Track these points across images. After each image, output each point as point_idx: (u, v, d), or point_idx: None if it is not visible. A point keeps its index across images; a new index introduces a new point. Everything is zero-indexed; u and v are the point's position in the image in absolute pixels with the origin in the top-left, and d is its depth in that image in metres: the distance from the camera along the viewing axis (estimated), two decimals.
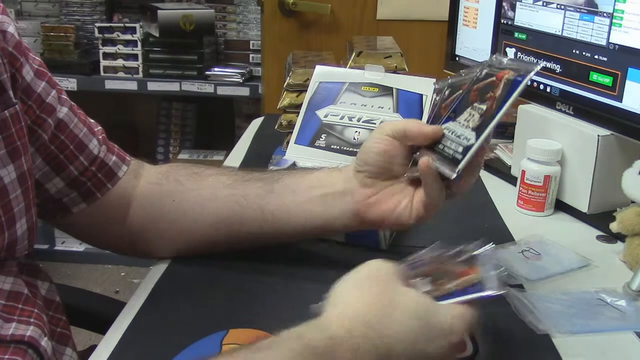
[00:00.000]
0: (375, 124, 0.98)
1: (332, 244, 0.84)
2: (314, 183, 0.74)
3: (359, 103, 1.00)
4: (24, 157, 0.64)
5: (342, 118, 0.99)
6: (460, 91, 0.70)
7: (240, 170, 0.80)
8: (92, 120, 0.79)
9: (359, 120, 0.99)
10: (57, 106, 0.72)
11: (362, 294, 0.54)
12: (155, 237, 0.78)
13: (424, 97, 1.00)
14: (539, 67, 0.64)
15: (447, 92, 0.72)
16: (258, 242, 0.77)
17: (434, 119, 0.71)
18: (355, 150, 0.97)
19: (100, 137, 0.77)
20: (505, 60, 0.68)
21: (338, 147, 0.97)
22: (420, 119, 0.99)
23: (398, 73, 1.08)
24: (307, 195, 0.74)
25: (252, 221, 0.74)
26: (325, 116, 0.99)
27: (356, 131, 0.98)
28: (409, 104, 1.00)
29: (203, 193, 0.76)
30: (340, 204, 0.72)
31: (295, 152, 0.96)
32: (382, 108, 1.00)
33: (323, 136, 0.97)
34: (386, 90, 1.01)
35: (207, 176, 0.77)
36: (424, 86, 1.02)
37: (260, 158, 1.01)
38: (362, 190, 0.71)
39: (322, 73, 1.02)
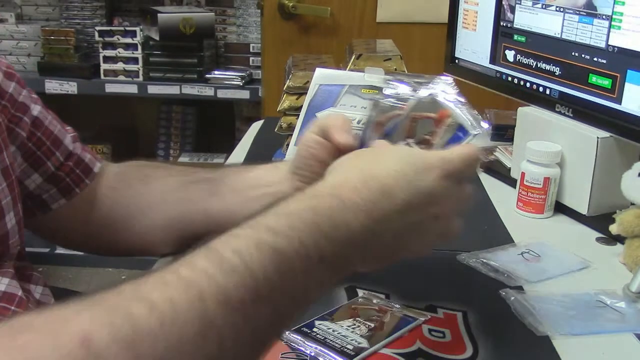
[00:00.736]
0: None
1: None
2: (252, 182, 0.75)
3: (358, 105, 1.00)
4: (5, 153, 0.65)
5: None
6: (398, 112, 0.64)
7: (189, 169, 0.80)
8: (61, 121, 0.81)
9: (358, 122, 0.99)
10: (31, 104, 0.73)
11: (350, 160, 0.56)
12: (112, 237, 0.79)
13: None
14: (480, 132, 0.61)
15: (383, 108, 0.67)
16: None
17: (365, 135, 0.67)
18: None
19: (72, 134, 0.79)
20: (452, 95, 0.63)
21: None
22: None
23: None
24: (246, 196, 0.74)
25: (198, 223, 0.75)
26: None
27: (357, 133, 0.99)
28: None
29: (151, 198, 0.77)
30: None
31: (293, 153, 0.97)
32: None
33: None
34: None
35: (157, 179, 0.79)
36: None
37: (260, 160, 1.01)
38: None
39: (323, 76, 1.02)
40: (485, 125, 0.60)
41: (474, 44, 1.19)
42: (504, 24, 1.11)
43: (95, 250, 0.83)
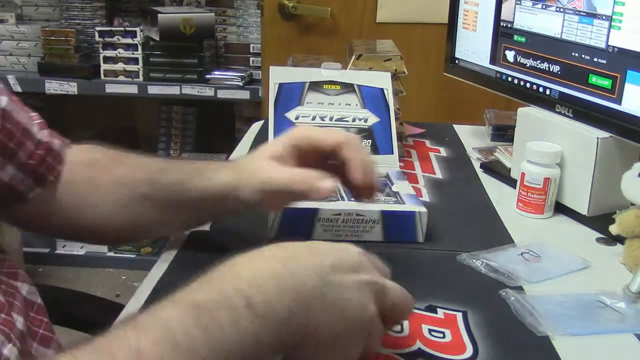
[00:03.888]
0: (347, 121, 0.99)
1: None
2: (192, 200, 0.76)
3: (325, 102, 1.01)
4: None
5: (314, 119, 0.99)
6: None
7: (129, 178, 0.79)
8: (27, 107, 0.80)
9: (331, 119, 1.00)
10: None
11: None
12: (80, 233, 0.82)
13: (384, 91, 1.02)
14: None
15: None
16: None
17: None
18: None
19: (38, 121, 0.78)
20: None
21: None
22: (387, 112, 1.00)
23: (359, 69, 1.09)
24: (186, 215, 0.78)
25: (154, 231, 0.82)
26: (297, 118, 0.99)
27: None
28: (373, 99, 1.02)
29: (103, 210, 0.78)
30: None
31: None
32: (349, 105, 1.01)
33: None
34: (348, 87, 1.02)
35: (102, 188, 0.78)
36: (383, 80, 1.03)
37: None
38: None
39: (279, 73, 1.02)
40: None
41: (474, 45, 1.20)
42: (504, 25, 1.11)
43: (67, 237, 0.85)
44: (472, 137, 1.34)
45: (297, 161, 0.72)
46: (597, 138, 0.91)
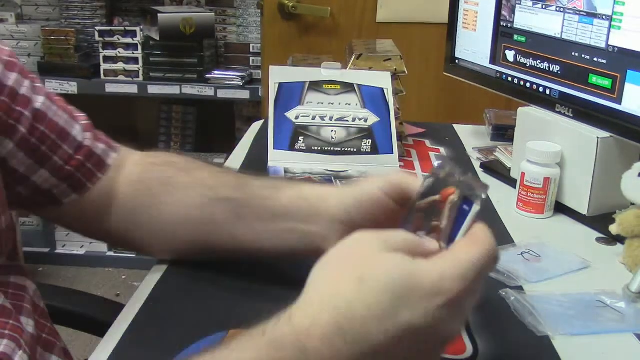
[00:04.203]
0: (347, 121, 0.99)
1: None
2: (279, 212, 0.69)
3: (325, 102, 1.01)
4: None
5: (314, 118, 1.00)
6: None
7: (212, 177, 0.74)
8: (72, 107, 0.76)
9: (331, 118, 1.00)
10: (32, 96, 0.69)
11: (332, 273, 0.47)
12: (137, 240, 0.76)
13: (384, 91, 1.02)
14: (485, 193, 0.51)
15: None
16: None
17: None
18: (335, 149, 0.98)
19: (83, 123, 0.75)
20: (448, 169, 0.54)
21: (319, 148, 0.99)
22: (387, 112, 1.00)
23: (359, 69, 1.09)
24: (275, 228, 0.69)
25: (224, 244, 0.72)
26: (297, 118, 0.99)
27: (332, 130, 0.99)
28: (373, 99, 1.02)
29: (174, 216, 0.73)
30: (311, 240, 0.67)
31: (277, 158, 0.97)
32: (349, 105, 1.01)
33: (301, 139, 0.98)
34: (348, 87, 1.02)
35: (179, 188, 0.73)
36: (382, 80, 1.03)
37: (260, 160, 1.01)
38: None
39: (279, 73, 1.02)
40: (485, 185, 0.52)
41: (474, 44, 1.19)
42: (504, 24, 1.11)
43: (115, 245, 0.79)
44: (472, 137, 1.34)
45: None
46: (597, 138, 0.91)
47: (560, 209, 0.97)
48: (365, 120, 1.00)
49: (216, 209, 0.71)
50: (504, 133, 1.30)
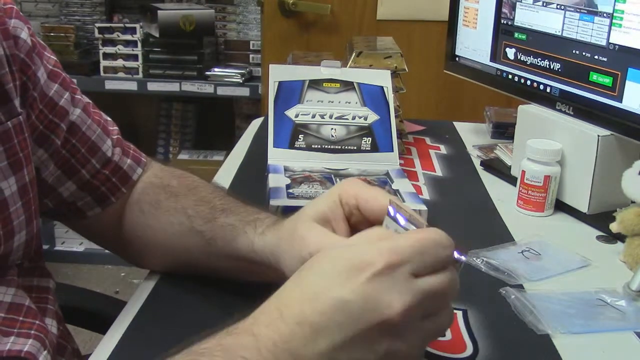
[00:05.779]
0: (347, 119, 0.99)
1: None
2: (242, 256, 0.66)
3: (325, 100, 1.01)
4: (26, 169, 0.62)
5: (313, 117, 1.00)
6: None
7: (192, 211, 0.71)
8: (108, 119, 0.77)
9: (330, 117, 1.00)
10: (70, 108, 0.70)
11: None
12: (135, 254, 0.77)
13: (384, 89, 1.02)
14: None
15: None
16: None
17: None
18: (335, 147, 0.99)
19: (115, 137, 0.76)
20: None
21: (319, 147, 0.99)
22: (387, 110, 1.01)
23: (359, 66, 1.08)
24: (241, 265, 0.67)
25: (203, 270, 0.71)
26: (296, 116, 0.99)
27: (332, 128, 0.99)
28: (373, 97, 1.02)
29: (159, 235, 0.73)
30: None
31: (277, 156, 0.97)
32: (349, 103, 1.01)
33: (301, 137, 0.98)
34: (348, 85, 1.02)
35: (165, 214, 0.73)
36: (382, 78, 1.03)
37: (260, 158, 1.01)
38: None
39: (279, 71, 1.02)
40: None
41: (475, 42, 1.19)
42: (505, 22, 1.11)
43: (129, 261, 0.80)
44: (472, 135, 1.34)
45: (345, 222, 0.59)
46: (598, 136, 0.91)
47: (561, 207, 0.97)
48: (365, 119, 1.00)
49: (191, 240, 0.70)
50: (504, 131, 1.30)
